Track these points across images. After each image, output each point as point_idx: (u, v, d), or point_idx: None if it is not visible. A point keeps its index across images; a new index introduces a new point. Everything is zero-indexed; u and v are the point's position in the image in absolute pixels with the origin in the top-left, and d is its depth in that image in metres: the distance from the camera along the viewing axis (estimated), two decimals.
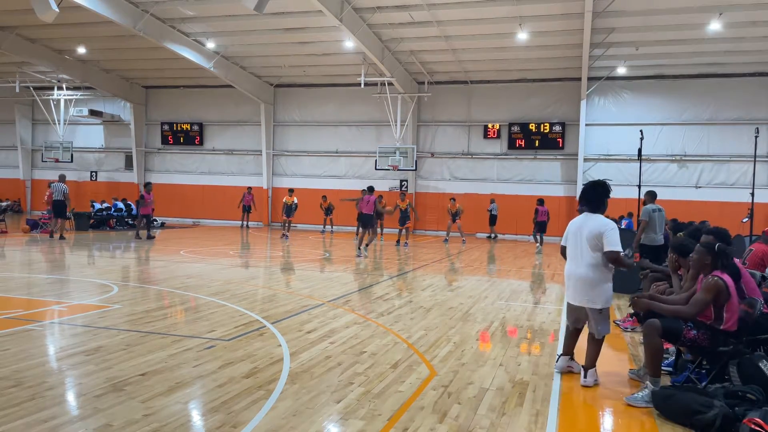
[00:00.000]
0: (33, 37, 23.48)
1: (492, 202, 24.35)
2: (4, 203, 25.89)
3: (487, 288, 11.13)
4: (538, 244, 20.42)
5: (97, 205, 24.83)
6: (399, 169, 24.92)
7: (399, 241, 19.89)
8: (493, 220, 24.07)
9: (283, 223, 21.76)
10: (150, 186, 19.79)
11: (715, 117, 22.95)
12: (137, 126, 29.79)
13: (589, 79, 22.98)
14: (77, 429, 4.00)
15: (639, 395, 4.88)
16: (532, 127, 24.86)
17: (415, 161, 25.05)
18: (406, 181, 26.54)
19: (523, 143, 25.05)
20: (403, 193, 22.08)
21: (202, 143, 29.48)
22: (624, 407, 4.84)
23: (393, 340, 6.79)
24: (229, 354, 5.92)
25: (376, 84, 24.33)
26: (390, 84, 23.92)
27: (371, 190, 17.16)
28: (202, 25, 21.20)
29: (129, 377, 5.09)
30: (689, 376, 5.29)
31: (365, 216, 16.48)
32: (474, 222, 24.83)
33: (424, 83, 25.56)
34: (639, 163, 13.15)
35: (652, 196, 10.50)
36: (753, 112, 22.24)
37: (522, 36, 19.42)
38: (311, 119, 28.00)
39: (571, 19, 18.43)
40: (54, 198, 18.25)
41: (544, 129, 24.78)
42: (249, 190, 26.81)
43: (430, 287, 11.08)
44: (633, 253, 5.94)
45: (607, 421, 4.66)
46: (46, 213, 22.13)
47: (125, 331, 6.79)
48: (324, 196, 24.93)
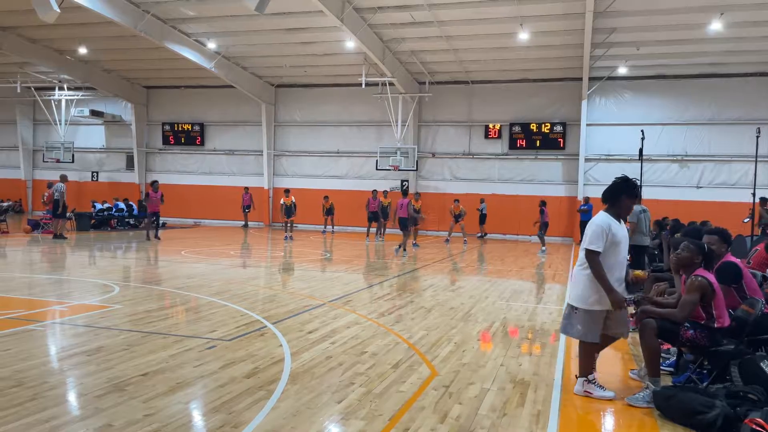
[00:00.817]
0: (34, 37, 23.50)
1: (482, 201, 24.60)
2: (6, 203, 25.88)
3: (488, 288, 11.12)
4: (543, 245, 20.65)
5: (98, 206, 24.86)
6: (400, 170, 24.91)
7: (401, 245, 19.69)
8: (482, 219, 24.42)
9: (285, 225, 21.61)
10: (156, 184, 19.32)
11: (717, 117, 22.92)
12: (138, 126, 29.80)
13: (590, 79, 22.97)
14: (78, 429, 4.00)
15: (640, 395, 4.89)
16: (533, 127, 24.85)
17: (416, 161, 25.05)
18: (407, 181, 26.53)
19: (524, 143, 25.04)
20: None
21: (203, 143, 29.49)
22: (625, 407, 4.84)
23: (394, 340, 6.79)
24: (230, 354, 5.93)
25: (377, 84, 24.33)
26: (391, 84, 23.91)
27: (405, 194, 17.94)
28: (203, 25, 21.21)
29: (130, 377, 5.09)
30: (690, 376, 5.29)
31: (402, 219, 17.48)
32: (475, 223, 24.83)
33: (425, 83, 25.55)
34: (640, 164, 13.17)
35: (638, 197, 10.70)
36: (754, 112, 22.20)
37: (523, 36, 19.41)
38: (312, 119, 28.01)
39: (572, 19, 18.42)
40: (54, 197, 18.45)
41: (545, 129, 24.76)
42: (246, 190, 26.88)
43: (431, 287, 11.08)
44: (636, 299, 5.54)
45: (608, 421, 4.66)
46: (45, 213, 22.21)
47: (126, 331, 6.80)
48: (326, 197, 25.01)
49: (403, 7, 18.37)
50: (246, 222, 26.98)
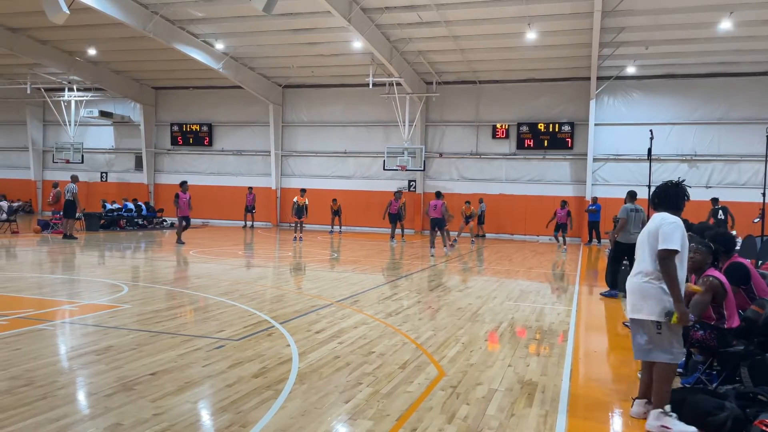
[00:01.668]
0: (44, 38, 23.67)
1: (480, 201, 24.59)
2: (16, 204, 26.10)
3: (495, 288, 11.10)
4: (563, 244, 21.04)
5: (108, 206, 25.00)
6: (407, 170, 24.89)
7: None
8: (480, 219, 24.46)
9: (294, 225, 21.60)
10: (186, 185, 18.57)
11: (726, 116, 22.76)
12: (147, 127, 29.95)
13: (599, 78, 22.86)
14: (88, 428, 4.03)
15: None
16: (541, 127, 24.77)
17: (424, 161, 25.02)
18: (415, 181, 26.54)
19: (531, 143, 24.95)
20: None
21: (211, 144, 29.59)
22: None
23: (401, 340, 6.78)
24: (238, 354, 5.95)
25: (385, 84, 24.32)
26: (398, 84, 23.91)
27: (439, 195, 18.04)
28: (211, 26, 21.29)
29: (139, 377, 5.12)
30: (700, 377, 5.26)
31: (435, 220, 17.52)
32: (474, 223, 24.74)
33: (432, 83, 25.53)
34: (649, 163, 13.10)
35: (632, 196, 11.05)
36: (764, 112, 22.02)
37: (531, 36, 19.37)
38: (319, 120, 28.04)
39: (580, 19, 18.36)
40: (66, 198, 18.70)
41: (553, 129, 24.67)
42: (250, 190, 26.94)
43: (439, 287, 11.07)
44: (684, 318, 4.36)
45: (617, 422, 4.64)
46: (53, 214, 22.36)
47: (135, 330, 6.84)
48: (334, 199, 25.47)
49: (411, 7, 18.37)
50: (246, 222, 26.96)
